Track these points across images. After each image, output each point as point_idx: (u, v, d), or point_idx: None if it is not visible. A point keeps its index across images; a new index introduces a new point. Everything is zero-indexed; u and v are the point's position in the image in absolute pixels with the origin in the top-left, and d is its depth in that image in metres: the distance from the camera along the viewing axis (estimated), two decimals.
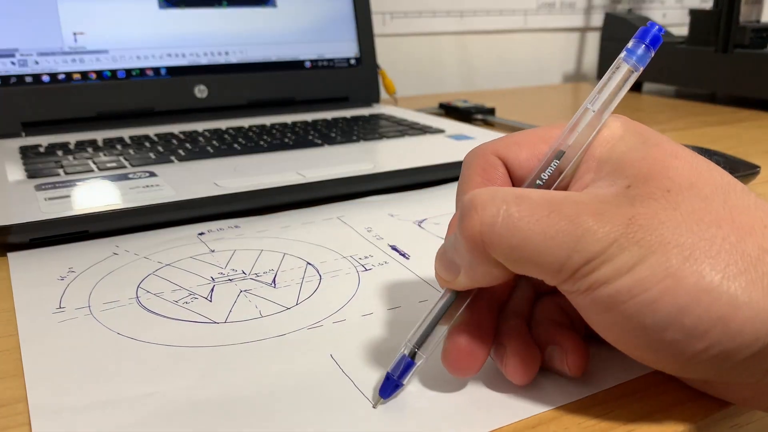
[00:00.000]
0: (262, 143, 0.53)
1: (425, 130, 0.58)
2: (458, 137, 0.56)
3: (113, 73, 0.60)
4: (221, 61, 0.65)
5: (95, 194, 0.40)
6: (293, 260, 0.34)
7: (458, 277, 0.21)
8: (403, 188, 0.46)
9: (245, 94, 0.66)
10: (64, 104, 0.58)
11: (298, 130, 0.59)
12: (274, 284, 0.31)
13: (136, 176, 0.44)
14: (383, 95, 0.78)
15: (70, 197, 0.39)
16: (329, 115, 0.66)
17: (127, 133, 0.57)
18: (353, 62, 0.71)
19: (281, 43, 0.67)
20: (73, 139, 0.55)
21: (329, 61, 0.70)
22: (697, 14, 0.86)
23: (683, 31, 0.90)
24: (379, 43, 0.78)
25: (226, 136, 0.56)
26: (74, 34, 0.59)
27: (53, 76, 0.58)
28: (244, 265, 0.34)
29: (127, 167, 0.46)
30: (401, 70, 0.93)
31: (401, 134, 0.57)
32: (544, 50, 1.10)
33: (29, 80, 0.57)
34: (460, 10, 0.99)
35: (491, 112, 0.74)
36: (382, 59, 0.80)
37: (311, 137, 0.55)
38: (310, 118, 0.64)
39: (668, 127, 0.70)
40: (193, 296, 0.30)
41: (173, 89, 0.63)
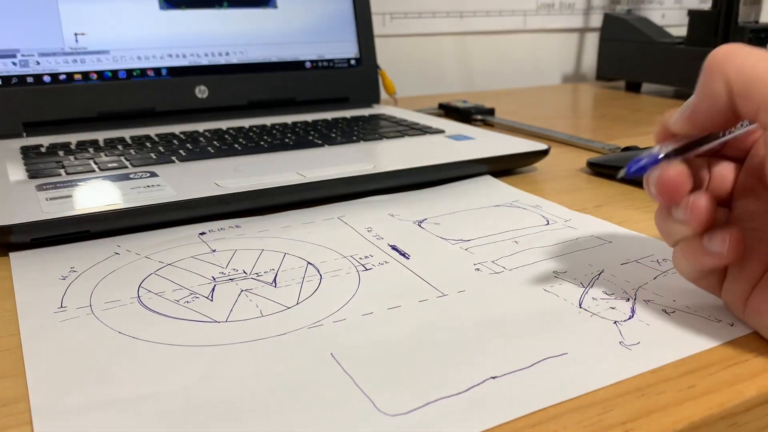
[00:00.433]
0: (262, 143, 0.53)
1: (425, 130, 0.58)
2: (458, 137, 0.56)
3: (114, 73, 0.60)
4: (222, 61, 0.65)
5: (96, 194, 0.40)
6: (294, 260, 0.34)
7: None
8: (403, 188, 0.46)
9: (246, 94, 0.66)
10: (65, 104, 0.59)
11: (298, 130, 0.59)
12: (274, 284, 0.32)
13: (137, 176, 0.44)
14: (383, 95, 0.78)
15: (71, 197, 0.39)
16: (329, 115, 0.66)
17: (128, 133, 0.58)
18: (353, 63, 0.71)
19: (281, 43, 0.67)
20: (74, 139, 0.55)
21: (329, 61, 0.70)
22: (695, 15, 0.86)
23: (682, 31, 0.90)
24: (379, 43, 0.78)
25: (226, 136, 0.56)
26: (75, 34, 0.59)
27: (54, 76, 0.58)
28: (244, 264, 0.34)
29: (128, 167, 0.46)
30: (401, 70, 0.94)
31: (401, 134, 0.57)
32: (543, 51, 1.10)
33: (30, 81, 0.57)
34: (459, 10, 0.99)
35: (491, 112, 0.74)
36: (382, 60, 0.80)
37: (311, 137, 0.56)
38: (310, 118, 0.64)
39: None
40: (194, 296, 0.30)
41: (174, 90, 0.63)
